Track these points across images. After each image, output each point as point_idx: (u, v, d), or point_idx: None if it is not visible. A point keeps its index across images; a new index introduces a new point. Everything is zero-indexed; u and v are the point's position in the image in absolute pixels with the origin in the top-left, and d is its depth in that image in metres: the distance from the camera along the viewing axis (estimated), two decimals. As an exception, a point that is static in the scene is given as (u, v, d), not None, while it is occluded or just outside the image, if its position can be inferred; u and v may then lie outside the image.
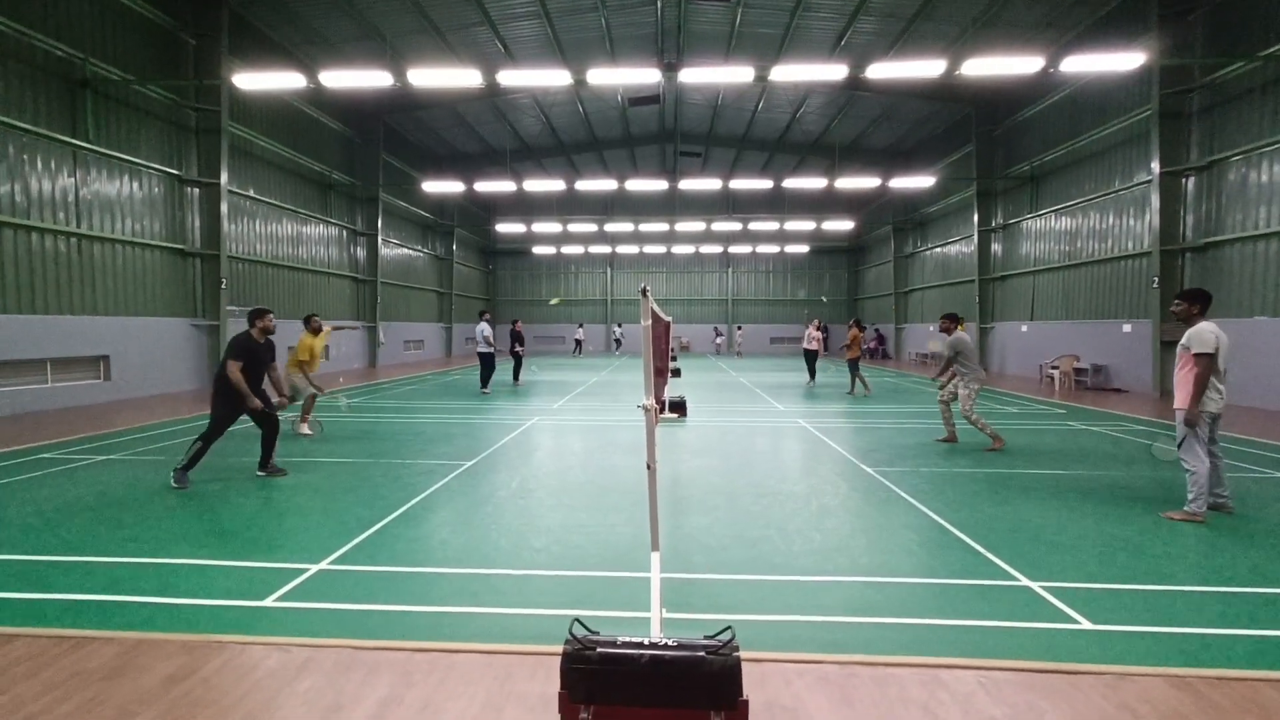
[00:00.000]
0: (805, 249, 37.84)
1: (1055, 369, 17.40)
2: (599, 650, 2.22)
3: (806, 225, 34.11)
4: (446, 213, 33.17)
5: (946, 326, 8.89)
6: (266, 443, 6.71)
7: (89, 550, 4.50)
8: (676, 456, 7.92)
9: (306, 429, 9.24)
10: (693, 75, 15.01)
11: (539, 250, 37.70)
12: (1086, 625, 3.42)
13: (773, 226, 37.18)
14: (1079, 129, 18.30)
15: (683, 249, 37.23)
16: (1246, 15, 13.13)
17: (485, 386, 15.29)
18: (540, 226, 35.66)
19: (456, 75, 14.35)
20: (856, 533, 5.00)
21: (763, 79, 14.91)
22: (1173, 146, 14.74)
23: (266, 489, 6.25)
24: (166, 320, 15.04)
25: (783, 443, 8.99)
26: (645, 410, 2.95)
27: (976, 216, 23.54)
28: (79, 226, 12.80)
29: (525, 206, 38.88)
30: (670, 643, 2.25)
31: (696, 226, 37.17)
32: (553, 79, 15.07)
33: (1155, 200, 14.98)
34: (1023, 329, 21.32)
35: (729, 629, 2.31)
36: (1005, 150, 22.48)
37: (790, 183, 24.90)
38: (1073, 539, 4.80)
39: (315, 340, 9.33)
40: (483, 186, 24.90)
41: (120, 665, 3.00)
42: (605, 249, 38.45)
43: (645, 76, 15.16)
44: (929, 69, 13.80)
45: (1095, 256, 17.76)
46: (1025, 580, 4.01)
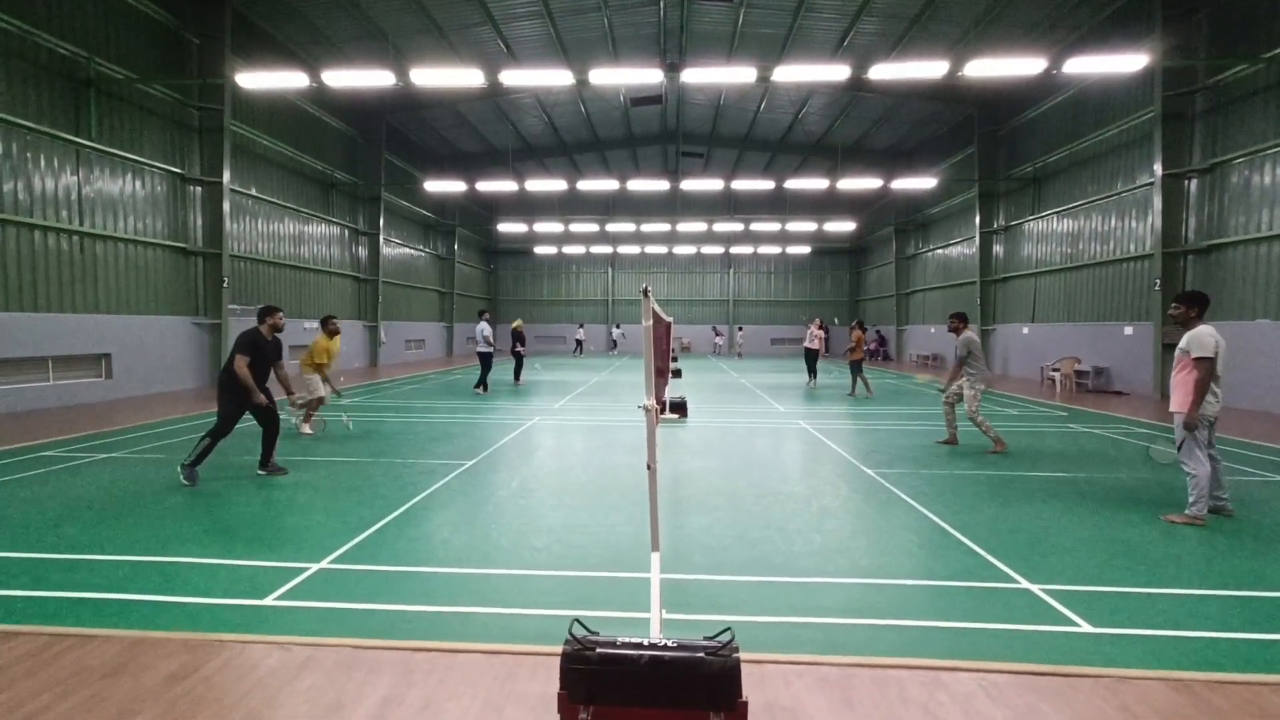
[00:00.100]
0: (807, 250, 37.82)
1: (1056, 371, 17.38)
2: (599, 650, 2.22)
3: (808, 226, 34.12)
4: (448, 212, 33.19)
5: (956, 326, 8.78)
6: (267, 441, 6.72)
7: (90, 548, 4.51)
8: (677, 457, 7.92)
9: (308, 428, 9.26)
10: (695, 75, 15.04)
11: (540, 250, 37.70)
12: (1087, 628, 3.42)
13: (774, 227, 37.16)
14: (1081, 130, 18.28)
15: (684, 249, 37.22)
16: (1250, 17, 13.11)
17: (480, 387, 15.08)
18: (542, 226, 35.66)
19: (459, 75, 14.37)
20: (857, 534, 5.00)
21: (765, 79, 14.92)
22: (1175, 148, 14.72)
23: (267, 488, 6.26)
24: (168, 319, 15.07)
25: (783, 444, 8.99)
26: (646, 411, 2.95)
27: (978, 218, 23.52)
28: (82, 225, 12.82)
29: (527, 206, 38.89)
30: (670, 643, 2.25)
31: (698, 227, 37.16)
32: (555, 79, 15.08)
33: (1157, 202, 14.96)
34: (1024, 331, 21.29)
35: (729, 630, 2.31)
36: (1007, 151, 22.46)
37: (792, 183, 24.91)
38: (1073, 542, 4.80)
39: (332, 343, 9.41)
40: (485, 186, 24.93)
41: (121, 663, 3.00)
42: (607, 249, 38.45)
43: (647, 76, 15.17)
44: (931, 70, 13.81)
45: (1097, 258, 17.74)
46: (1025, 583, 4.01)
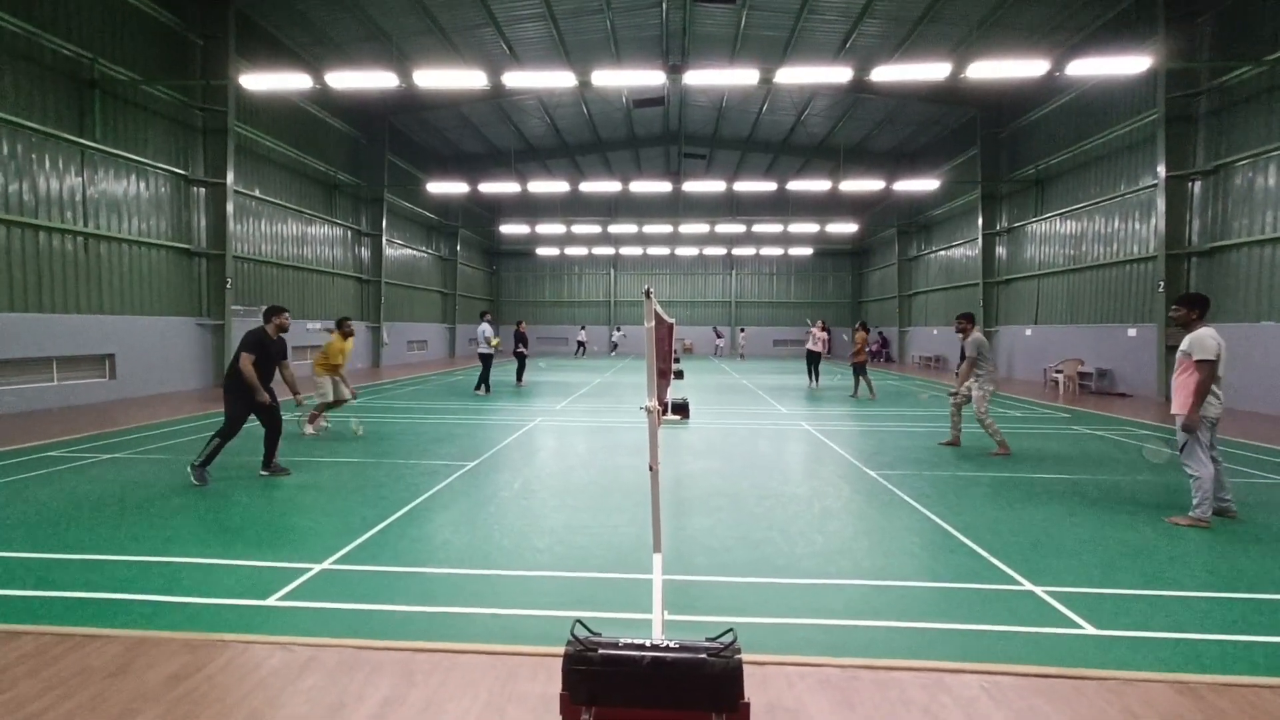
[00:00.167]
0: (809, 251, 37.78)
1: (1059, 373, 17.34)
2: (600, 651, 2.22)
3: (810, 228, 34.10)
4: (451, 213, 33.23)
5: (964, 327, 8.69)
6: (270, 442, 6.73)
7: (93, 548, 4.52)
8: (679, 458, 7.91)
9: (311, 429, 9.27)
10: (697, 77, 15.03)
11: (543, 251, 37.69)
12: (1090, 630, 3.40)
13: (776, 229, 37.13)
14: (1084, 132, 18.26)
15: (686, 251, 37.21)
16: (1254, 19, 13.08)
17: (480, 388, 15.00)
18: (544, 227, 35.70)
19: (462, 77, 14.38)
20: (859, 535, 4.99)
21: (767, 81, 14.91)
22: (1179, 150, 14.68)
23: (270, 488, 6.27)
24: (172, 319, 15.10)
25: (786, 445, 8.98)
26: (648, 412, 2.95)
27: (981, 219, 23.49)
28: (86, 225, 12.86)
29: (529, 207, 38.92)
30: (672, 644, 2.24)
31: (700, 228, 37.16)
32: (558, 80, 15.08)
33: (1161, 204, 14.92)
34: (1027, 333, 21.25)
35: (731, 631, 2.31)
36: (1010, 153, 22.44)
37: (794, 185, 24.89)
38: (1076, 544, 4.79)
39: (346, 344, 9.47)
40: (487, 187, 24.96)
41: (124, 663, 3.01)
42: (609, 250, 38.47)
43: (650, 78, 15.18)
44: (934, 72, 13.79)
45: (1100, 260, 17.70)
46: (1029, 585, 4.00)
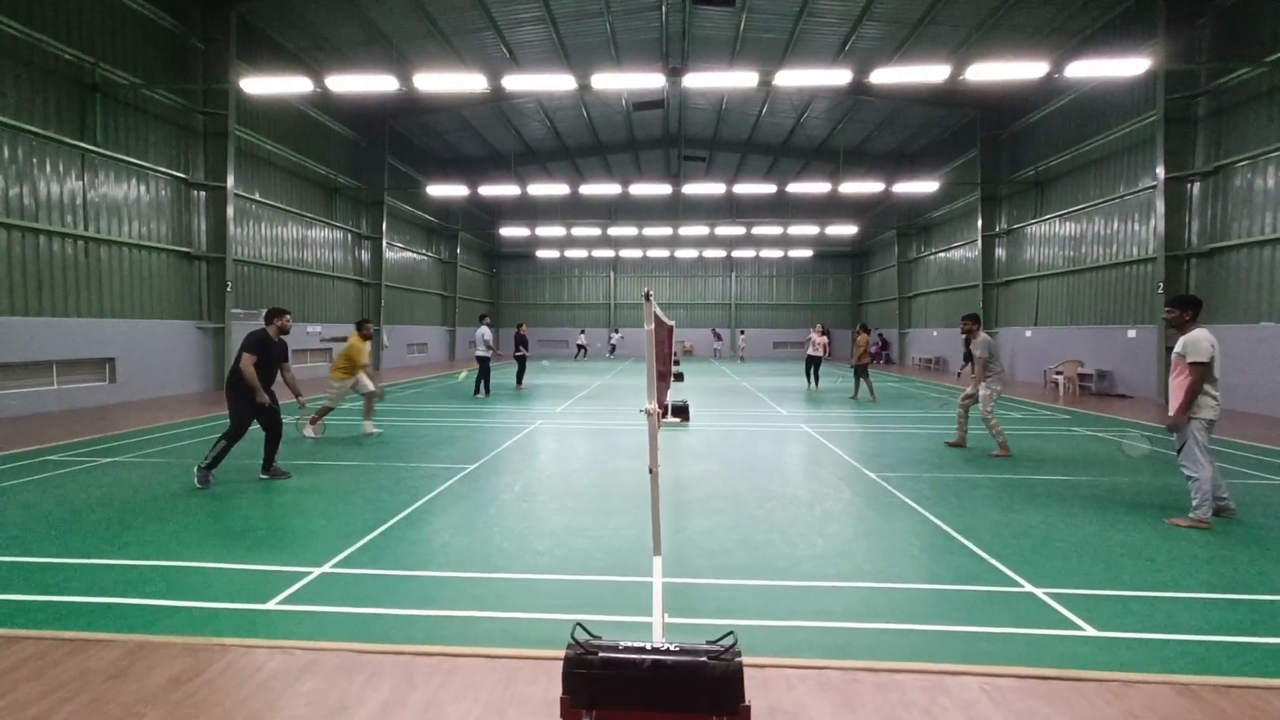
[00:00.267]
0: (809, 253, 37.81)
1: (1059, 374, 17.34)
2: (601, 654, 2.22)
3: (810, 230, 34.16)
4: (451, 216, 33.27)
5: (969, 329, 8.63)
6: (270, 445, 6.73)
7: (93, 552, 4.52)
8: (679, 461, 7.91)
9: (311, 431, 9.27)
10: (697, 80, 15.04)
11: (543, 254, 37.72)
12: (1091, 632, 3.40)
13: (776, 231, 37.19)
14: (1084, 134, 18.28)
15: (686, 253, 37.25)
16: (1254, 20, 13.10)
17: (480, 392, 14.97)
18: (544, 230, 35.73)
19: (462, 80, 14.41)
20: (860, 538, 4.99)
21: (767, 84, 14.94)
22: (1178, 152, 14.70)
23: (270, 492, 6.26)
24: (172, 323, 15.11)
25: (786, 448, 8.98)
26: (648, 414, 2.95)
27: (981, 221, 23.51)
28: (86, 229, 12.87)
29: (529, 210, 38.96)
30: (672, 647, 2.24)
31: (700, 231, 37.18)
32: (558, 84, 15.12)
33: (1160, 206, 14.93)
34: (1027, 334, 21.26)
35: (731, 634, 2.31)
36: (1010, 155, 22.46)
37: (794, 187, 24.89)
38: (1077, 545, 4.78)
39: (365, 345, 9.56)
40: (487, 190, 24.98)
41: (124, 667, 3.00)
42: (609, 253, 38.50)
43: (650, 81, 15.22)
44: (933, 74, 13.81)
45: (1100, 262, 17.71)
46: (1029, 586, 3.99)
